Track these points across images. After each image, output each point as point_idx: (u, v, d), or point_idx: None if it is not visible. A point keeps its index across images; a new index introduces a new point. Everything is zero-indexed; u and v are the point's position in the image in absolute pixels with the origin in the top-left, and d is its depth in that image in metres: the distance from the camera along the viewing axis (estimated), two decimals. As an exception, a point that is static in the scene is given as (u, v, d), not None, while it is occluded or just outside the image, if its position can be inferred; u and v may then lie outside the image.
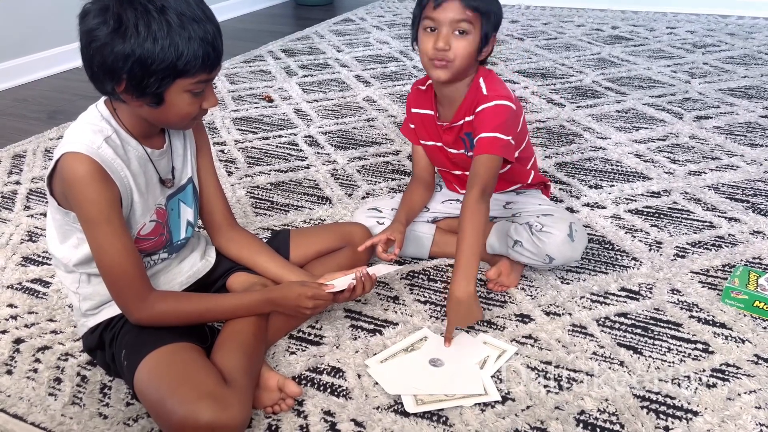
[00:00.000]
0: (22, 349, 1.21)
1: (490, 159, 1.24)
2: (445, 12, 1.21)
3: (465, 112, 1.33)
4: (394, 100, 2.50)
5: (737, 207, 1.67)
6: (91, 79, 0.96)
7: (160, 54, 0.89)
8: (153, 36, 0.88)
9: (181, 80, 0.93)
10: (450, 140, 1.39)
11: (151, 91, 0.92)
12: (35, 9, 2.79)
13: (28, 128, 2.29)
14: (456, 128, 1.36)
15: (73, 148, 0.93)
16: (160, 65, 0.90)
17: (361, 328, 1.26)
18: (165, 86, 0.93)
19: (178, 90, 0.94)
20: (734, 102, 2.38)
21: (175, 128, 1.07)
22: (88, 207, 0.94)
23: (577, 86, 2.61)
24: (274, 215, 1.69)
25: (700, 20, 3.60)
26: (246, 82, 2.75)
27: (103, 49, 0.90)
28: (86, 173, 0.93)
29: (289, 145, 2.12)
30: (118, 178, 0.97)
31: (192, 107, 0.98)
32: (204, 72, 0.95)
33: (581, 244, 1.32)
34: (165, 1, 0.90)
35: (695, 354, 1.18)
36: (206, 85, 0.98)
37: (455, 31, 1.22)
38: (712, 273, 1.41)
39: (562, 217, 1.33)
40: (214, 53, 0.94)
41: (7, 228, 1.64)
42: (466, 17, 1.21)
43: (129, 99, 0.95)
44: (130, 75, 0.90)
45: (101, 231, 0.96)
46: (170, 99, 0.95)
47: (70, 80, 2.84)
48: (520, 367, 1.15)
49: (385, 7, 4.21)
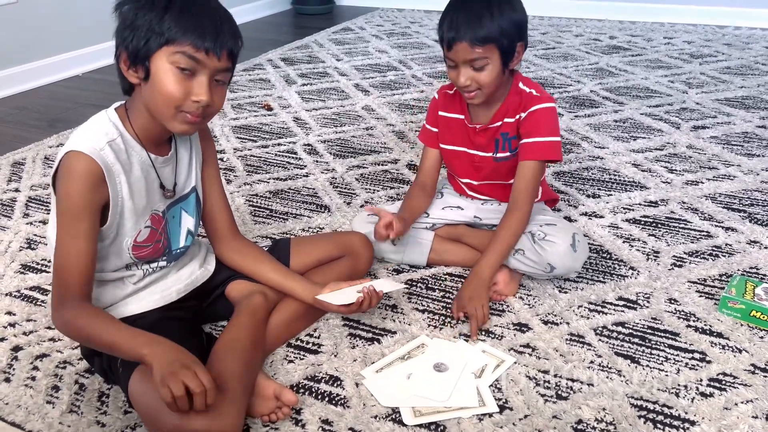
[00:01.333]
0: (20, 357, 1.21)
1: (540, 165, 1.33)
2: (457, 53, 1.26)
3: (505, 114, 1.35)
4: (392, 108, 2.51)
5: (734, 217, 1.68)
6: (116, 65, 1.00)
7: (153, 13, 0.93)
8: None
9: (167, 47, 0.94)
10: (483, 142, 1.40)
11: (140, 58, 0.94)
12: (36, 17, 2.80)
13: (28, 136, 2.30)
14: (492, 130, 1.37)
15: (76, 147, 0.96)
16: (149, 25, 0.93)
17: (360, 337, 1.26)
18: (151, 52, 0.94)
19: (164, 60, 0.94)
20: (731, 112, 2.40)
21: (164, 119, 1.00)
22: (67, 201, 0.96)
23: (575, 96, 2.62)
24: (272, 223, 1.70)
25: (697, 31, 3.62)
26: (245, 90, 2.76)
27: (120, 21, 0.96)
28: (82, 171, 0.95)
29: (288, 154, 2.13)
30: (112, 183, 0.99)
31: (175, 87, 0.94)
32: (190, 43, 0.93)
33: (583, 254, 1.33)
34: None
35: (692, 363, 1.18)
36: (198, 68, 0.95)
37: (472, 66, 1.26)
38: (709, 282, 1.42)
39: (565, 227, 1.34)
40: (214, 30, 0.94)
41: (5, 235, 1.65)
42: (477, 54, 1.25)
43: (127, 73, 0.97)
44: (125, 39, 0.95)
45: (68, 227, 0.97)
46: (155, 70, 0.94)
47: (71, 88, 2.85)
48: (518, 376, 1.15)
49: (385, 16, 4.23)
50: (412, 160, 2.05)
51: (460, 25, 1.23)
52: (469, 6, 1.24)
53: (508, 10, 1.24)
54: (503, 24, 1.23)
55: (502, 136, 1.37)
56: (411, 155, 2.09)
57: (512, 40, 1.26)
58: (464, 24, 1.23)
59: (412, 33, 3.70)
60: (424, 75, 2.93)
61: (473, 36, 1.22)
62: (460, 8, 1.25)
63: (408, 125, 2.34)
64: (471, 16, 1.22)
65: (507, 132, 1.36)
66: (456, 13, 1.24)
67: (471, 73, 1.27)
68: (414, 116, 2.42)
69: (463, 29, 1.23)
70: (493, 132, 1.37)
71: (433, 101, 1.48)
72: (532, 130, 1.32)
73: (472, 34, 1.22)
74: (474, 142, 1.41)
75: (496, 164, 1.41)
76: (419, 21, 4.04)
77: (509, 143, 1.37)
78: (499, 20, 1.23)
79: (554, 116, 1.34)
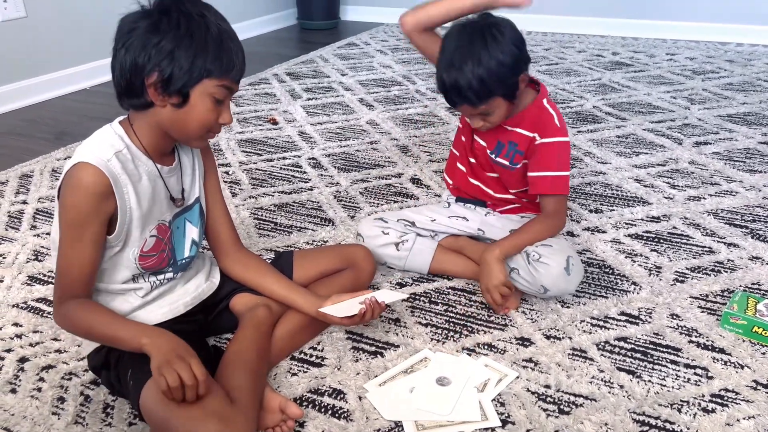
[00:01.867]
0: (26, 368, 1.22)
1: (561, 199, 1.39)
2: (462, 110, 1.33)
3: (521, 121, 1.36)
4: (397, 123, 2.53)
5: (736, 233, 1.69)
6: (120, 79, 1.00)
7: (194, 48, 0.96)
8: (191, 33, 0.96)
9: (208, 80, 0.98)
10: (488, 134, 1.41)
11: (177, 87, 0.97)
12: (46, 31, 2.84)
13: (35, 148, 2.32)
14: (502, 129, 1.38)
15: (82, 159, 0.98)
16: (192, 58, 0.96)
17: (363, 350, 1.27)
18: (192, 84, 0.98)
19: (203, 92, 0.99)
20: (733, 128, 2.41)
21: (189, 139, 1.07)
22: (70, 211, 0.98)
23: (578, 111, 2.64)
24: (277, 236, 1.71)
25: (699, 47, 3.64)
26: (251, 104, 2.79)
27: (140, 39, 0.96)
28: (89, 182, 0.97)
29: (293, 167, 2.15)
30: (120, 194, 1.00)
31: (211, 115, 1.02)
32: (229, 77, 1.00)
33: (577, 277, 1.34)
34: (205, 10, 0.99)
35: (694, 379, 1.19)
36: (227, 97, 1.03)
37: (480, 115, 1.31)
38: (711, 298, 1.42)
39: (561, 249, 1.35)
40: (241, 63, 1.02)
41: (13, 247, 1.66)
42: (480, 110, 1.29)
43: (155, 96, 0.99)
44: (162, 67, 0.96)
45: (70, 235, 1.00)
46: (194, 100, 1.00)
47: (78, 102, 2.88)
48: (521, 391, 1.16)
49: (389, 31, 4.27)
50: (416, 174, 2.07)
51: (454, 92, 1.26)
52: (459, 66, 1.23)
53: (496, 56, 1.22)
54: (497, 75, 1.23)
55: (509, 144, 1.38)
56: (414, 169, 2.10)
57: (511, 82, 1.27)
58: (458, 90, 1.25)
59: (417, 48, 3.73)
60: (428, 90, 2.95)
61: (471, 100, 1.26)
62: (451, 67, 1.24)
63: (412, 140, 2.36)
64: (462, 80, 1.23)
65: (517, 143, 1.38)
66: (449, 73, 1.24)
67: (480, 118, 1.32)
68: (418, 130, 2.44)
69: (458, 97, 1.26)
70: (503, 132, 1.39)
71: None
72: (544, 163, 1.35)
73: (469, 99, 1.26)
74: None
75: (492, 164, 1.44)
76: (423, 36, 4.07)
77: (514, 155, 1.39)
78: (490, 75, 1.22)
79: (568, 152, 1.37)
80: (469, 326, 1.34)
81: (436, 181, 2.02)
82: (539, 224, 1.39)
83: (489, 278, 1.32)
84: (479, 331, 1.33)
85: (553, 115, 1.36)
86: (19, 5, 2.70)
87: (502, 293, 1.31)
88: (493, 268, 1.32)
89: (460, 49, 1.24)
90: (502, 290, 1.31)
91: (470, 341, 1.30)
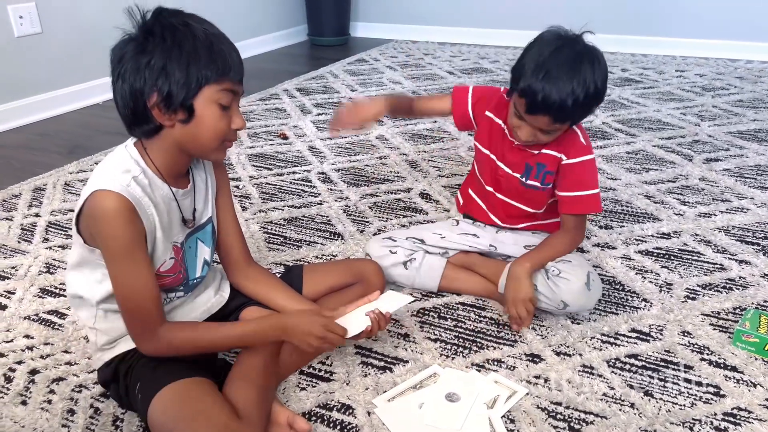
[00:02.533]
0: (37, 380, 1.23)
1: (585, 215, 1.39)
2: (533, 119, 1.24)
3: (549, 143, 1.34)
4: (406, 138, 2.54)
5: (748, 250, 1.68)
6: (125, 110, 0.99)
7: (186, 58, 0.94)
8: (178, 44, 0.93)
9: (208, 88, 0.96)
10: (514, 160, 1.39)
11: (179, 102, 0.95)
12: (60, 47, 2.88)
13: (48, 162, 2.35)
14: (529, 154, 1.37)
15: (102, 186, 0.96)
16: (185, 69, 0.94)
17: (372, 365, 1.27)
18: (192, 94, 0.96)
19: (207, 100, 0.97)
20: (744, 145, 2.40)
21: (206, 152, 1.06)
22: (113, 243, 0.96)
23: (588, 127, 2.64)
24: (286, 250, 1.72)
25: (709, 64, 3.65)
26: (262, 119, 2.81)
27: (131, 63, 0.94)
28: (115, 210, 0.94)
29: (303, 182, 2.16)
30: (145, 215, 0.99)
31: (221, 122, 1.00)
32: (228, 79, 0.98)
33: (597, 293, 1.33)
34: (188, 19, 0.97)
35: (706, 397, 1.17)
36: (233, 100, 1.01)
37: (541, 131, 1.26)
38: (723, 315, 1.41)
39: (580, 264, 1.35)
40: (238, 62, 0.99)
41: (26, 259, 1.68)
42: (553, 128, 1.25)
43: (160, 116, 0.97)
44: (158, 86, 0.94)
45: (123, 266, 0.98)
46: (200, 111, 0.97)
47: (91, 116, 2.92)
48: (531, 408, 1.15)
49: (398, 48, 4.30)
50: (425, 189, 2.07)
51: (551, 99, 1.17)
52: (563, 77, 1.17)
53: (597, 82, 1.19)
54: (591, 100, 1.20)
55: (537, 165, 1.37)
56: (423, 184, 2.11)
57: (590, 110, 1.25)
58: (547, 107, 1.18)
59: (426, 64, 3.76)
60: (437, 105, 2.97)
61: (556, 117, 1.20)
62: (553, 77, 1.17)
63: (421, 155, 2.37)
64: (563, 92, 1.16)
65: (545, 164, 1.36)
66: (549, 81, 1.17)
67: (536, 132, 1.26)
68: (427, 145, 2.45)
69: (551, 105, 1.18)
70: (529, 156, 1.37)
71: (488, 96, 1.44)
72: (576, 183, 1.34)
73: (556, 115, 1.20)
74: (505, 156, 1.40)
75: (522, 188, 1.41)
76: (432, 53, 4.10)
77: (544, 176, 1.37)
78: (587, 99, 1.19)
79: (596, 169, 1.36)
80: (478, 342, 1.34)
81: (445, 196, 2.02)
82: (562, 238, 1.38)
83: (518, 291, 1.31)
84: (489, 347, 1.32)
85: (578, 134, 1.34)
86: (35, 21, 2.75)
87: (527, 309, 1.30)
88: (522, 282, 1.31)
89: (564, 63, 1.18)
90: (528, 305, 1.30)
91: (480, 357, 1.29)
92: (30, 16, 2.73)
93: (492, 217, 1.50)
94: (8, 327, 1.40)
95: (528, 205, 1.44)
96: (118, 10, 0.99)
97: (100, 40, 3.03)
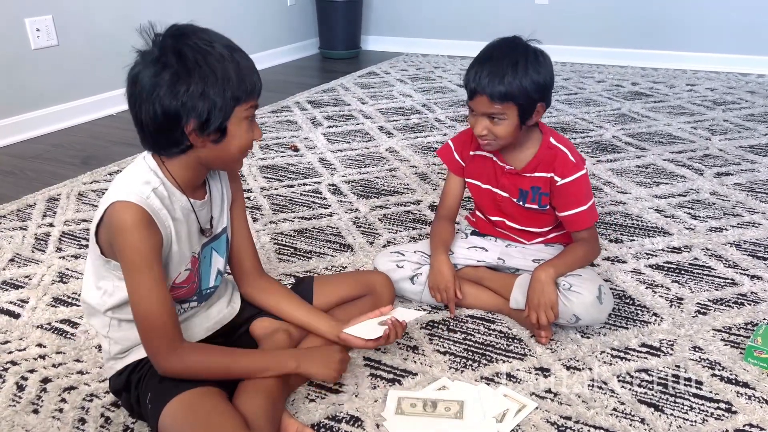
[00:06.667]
0: (48, 389, 1.24)
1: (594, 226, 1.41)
2: (477, 104, 1.30)
3: (537, 166, 1.38)
4: (416, 151, 2.56)
5: (759, 264, 1.67)
6: (154, 133, 0.98)
7: (221, 83, 0.95)
8: (212, 68, 0.94)
9: (239, 107, 0.99)
10: (508, 184, 1.42)
11: (215, 125, 0.97)
12: (76, 59, 2.93)
13: (63, 172, 2.38)
14: (522, 178, 1.40)
15: (122, 197, 0.97)
16: (222, 94, 0.95)
17: (381, 377, 1.27)
18: (228, 116, 0.98)
19: (238, 118, 1.00)
20: (755, 159, 2.39)
21: (231, 165, 1.09)
22: (132, 254, 0.97)
23: (598, 141, 2.64)
24: (296, 261, 1.73)
25: (719, 78, 3.64)
26: (273, 131, 2.84)
27: (166, 90, 0.93)
28: (135, 221, 0.96)
29: (313, 193, 2.17)
30: (163, 227, 1.00)
31: (249, 136, 1.03)
32: (254, 97, 1.01)
33: (609, 306, 1.33)
34: (208, 35, 0.97)
35: (717, 413, 1.16)
36: (254, 113, 1.04)
37: (490, 118, 1.30)
38: (735, 331, 1.40)
39: (591, 278, 1.35)
40: (259, 78, 1.02)
41: (39, 269, 1.70)
42: (495, 110, 1.28)
43: (196, 140, 0.98)
44: (198, 110, 0.95)
45: (142, 278, 0.98)
46: (232, 130, 1.00)
47: (105, 126, 2.95)
48: (540, 422, 1.15)
49: (409, 61, 4.33)
50: (434, 201, 2.08)
51: (483, 78, 1.26)
52: (495, 61, 1.27)
53: (533, 72, 1.26)
54: (525, 84, 1.25)
55: (532, 189, 1.40)
56: (433, 196, 2.12)
57: (532, 100, 1.28)
58: (487, 78, 1.26)
59: (436, 78, 3.78)
60: (446, 118, 2.98)
61: (493, 91, 1.26)
62: (487, 61, 1.28)
63: (431, 167, 2.38)
64: (495, 71, 1.25)
65: (539, 186, 1.39)
66: (482, 66, 1.28)
67: (488, 123, 1.30)
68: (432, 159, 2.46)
69: (484, 83, 1.26)
70: (522, 180, 1.40)
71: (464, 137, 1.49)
72: (573, 201, 1.37)
73: (492, 89, 1.26)
74: (499, 181, 1.44)
75: (525, 210, 1.44)
76: (443, 66, 4.12)
77: (540, 198, 1.40)
78: (521, 80, 1.25)
79: (588, 181, 1.39)
80: (488, 355, 1.34)
81: (455, 209, 2.03)
82: (582, 248, 1.39)
83: (542, 296, 1.30)
84: (498, 361, 1.32)
85: (566, 153, 1.37)
86: (52, 34, 2.80)
87: (548, 317, 1.30)
88: (546, 287, 1.30)
89: (503, 53, 1.28)
90: (549, 313, 1.30)
91: (489, 370, 1.29)
92: (47, 29, 2.77)
93: (509, 234, 1.52)
94: (21, 336, 1.41)
95: (535, 225, 1.47)
96: (132, 23, 1.00)
97: (114, 53, 3.08)
